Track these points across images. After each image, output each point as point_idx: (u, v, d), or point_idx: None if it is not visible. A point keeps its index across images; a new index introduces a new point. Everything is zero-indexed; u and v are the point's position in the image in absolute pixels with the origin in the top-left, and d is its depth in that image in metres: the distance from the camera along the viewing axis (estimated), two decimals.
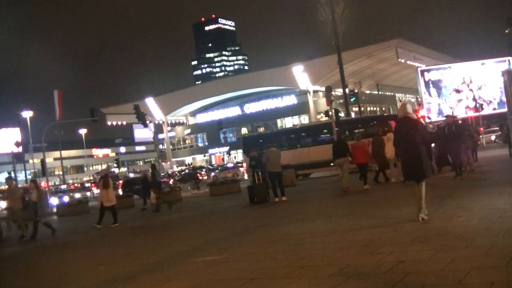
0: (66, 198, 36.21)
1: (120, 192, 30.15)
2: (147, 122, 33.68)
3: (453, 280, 4.39)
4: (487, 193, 9.66)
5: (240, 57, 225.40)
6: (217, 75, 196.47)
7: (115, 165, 73.11)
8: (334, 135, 24.16)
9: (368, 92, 70.22)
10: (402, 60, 57.26)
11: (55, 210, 27.65)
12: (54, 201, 34.26)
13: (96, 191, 42.25)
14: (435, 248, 5.71)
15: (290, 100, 70.35)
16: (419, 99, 51.65)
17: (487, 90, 42.00)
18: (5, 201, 20.55)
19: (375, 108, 70.70)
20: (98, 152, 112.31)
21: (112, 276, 7.29)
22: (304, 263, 6.13)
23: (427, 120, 37.85)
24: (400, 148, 8.06)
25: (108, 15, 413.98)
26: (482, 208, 7.99)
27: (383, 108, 72.97)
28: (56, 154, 61.70)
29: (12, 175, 46.45)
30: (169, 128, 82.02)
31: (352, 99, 38.06)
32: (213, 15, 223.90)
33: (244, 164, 32.23)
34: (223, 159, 75.32)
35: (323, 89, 33.23)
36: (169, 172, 61.99)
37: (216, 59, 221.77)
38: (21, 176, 61.40)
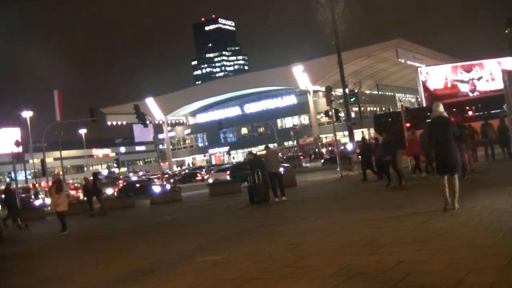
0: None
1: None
2: (147, 122, 33.64)
3: (453, 280, 4.39)
4: (487, 193, 9.66)
5: (240, 57, 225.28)
6: (217, 75, 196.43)
7: (115, 165, 73.15)
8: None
9: (368, 92, 70.26)
10: (402, 60, 57.29)
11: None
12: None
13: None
14: (435, 248, 5.71)
15: (290, 100, 70.36)
16: (419, 99, 51.70)
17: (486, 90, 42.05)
18: None
19: (375, 108, 70.74)
20: (98, 152, 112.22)
21: (112, 276, 7.30)
22: (304, 263, 6.13)
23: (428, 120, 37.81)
24: (434, 145, 8.48)
25: (108, 15, 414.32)
26: (482, 208, 7.99)
27: (383, 108, 73.00)
28: (56, 154, 61.60)
29: (12, 175, 46.46)
30: (169, 128, 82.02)
31: (352, 99, 37.97)
32: (213, 15, 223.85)
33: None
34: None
35: (323, 89, 33.19)
36: (170, 172, 61.88)
37: (216, 59, 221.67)
38: (21, 176, 61.37)
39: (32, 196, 41.03)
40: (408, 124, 19.38)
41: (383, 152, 15.23)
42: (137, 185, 37.25)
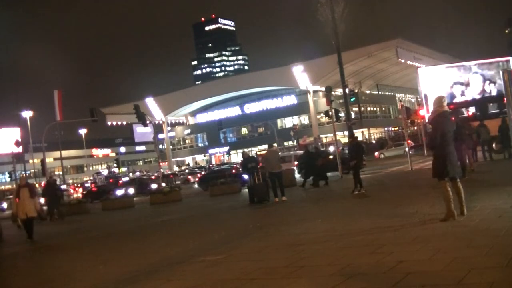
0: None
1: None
2: (147, 122, 33.66)
3: (453, 280, 4.39)
4: (487, 193, 9.67)
5: (240, 57, 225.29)
6: (217, 75, 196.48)
7: (115, 165, 73.16)
8: None
9: (368, 92, 70.30)
10: (402, 60, 57.32)
11: None
12: None
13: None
14: (435, 248, 5.71)
15: (290, 100, 70.40)
16: (419, 99, 51.69)
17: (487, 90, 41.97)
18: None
19: (375, 108, 70.78)
20: (98, 152, 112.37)
21: (112, 276, 7.29)
22: (304, 263, 6.13)
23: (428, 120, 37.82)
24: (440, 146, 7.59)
25: (108, 15, 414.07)
26: (482, 208, 7.99)
27: (383, 108, 73.04)
28: (56, 154, 61.75)
29: (12, 175, 46.50)
30: (169, 128, 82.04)
31: (352, 99, 38.00)
32: (213, 15, 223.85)
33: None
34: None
35: (323, 89, 33.19)
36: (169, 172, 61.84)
37: (216, 59, 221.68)
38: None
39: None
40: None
41: (349, 157, 14.90)
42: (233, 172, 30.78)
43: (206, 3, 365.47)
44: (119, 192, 31.36)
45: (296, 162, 28.14)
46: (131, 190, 31.56)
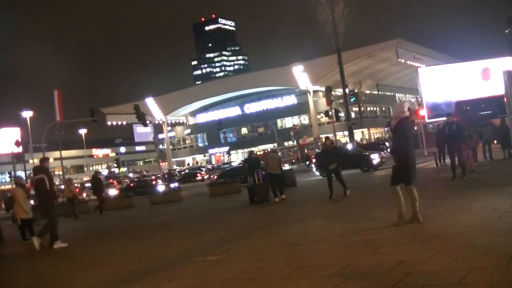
0: None
1: None
2: (147, 122, 33.67)
3: (453, 280, 4.39)
4: (487, 193, 9.67)
5: (240, 57, 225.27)
6: (217, 75, 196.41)
7: (115, 165, 73.23)
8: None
9: (368, 92, 70.31)
10: (402, 60, 57.33)
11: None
12: None
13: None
14: (435, 248, 5.71)
15: (290, 100, 70.41)
16: (419, 99, 51.72)
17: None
18: None
19: (375, 108, 70.79)
20: (98, 152, 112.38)
21: (112, 276, 7.29)
22: (304, 263, 6.13)
23: (427, 120, 37.85)
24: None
25: (109, 15, 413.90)
26: (482, 208, 7.99)
27: (383, 108, 73.03)
28: (56, 154, 61.55)
29: (12, 175, 46.47)
30: (169, 128, 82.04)
31: (352, 99, 38.05)
32: (213, 15, 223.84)
33: None
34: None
35: (323, 89, 33.27)
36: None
37: (216, 59, 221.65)
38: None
39: None
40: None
41: (329, 160, 14.16)
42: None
43: (206, 3, 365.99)
44: (161, 187, 31.10)
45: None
46: (172, 185, 31.25)
